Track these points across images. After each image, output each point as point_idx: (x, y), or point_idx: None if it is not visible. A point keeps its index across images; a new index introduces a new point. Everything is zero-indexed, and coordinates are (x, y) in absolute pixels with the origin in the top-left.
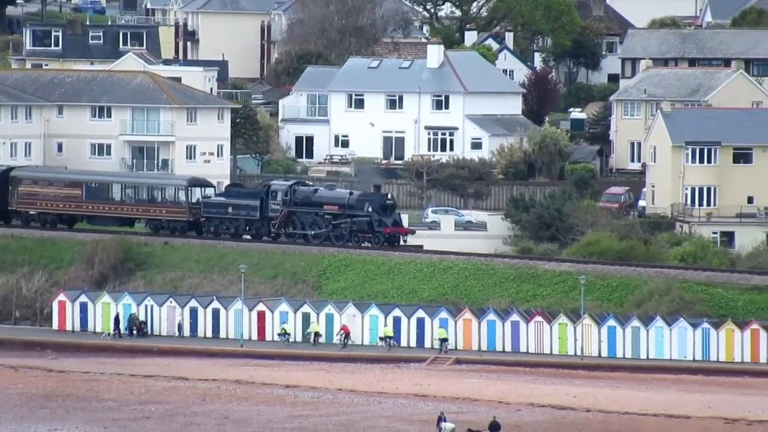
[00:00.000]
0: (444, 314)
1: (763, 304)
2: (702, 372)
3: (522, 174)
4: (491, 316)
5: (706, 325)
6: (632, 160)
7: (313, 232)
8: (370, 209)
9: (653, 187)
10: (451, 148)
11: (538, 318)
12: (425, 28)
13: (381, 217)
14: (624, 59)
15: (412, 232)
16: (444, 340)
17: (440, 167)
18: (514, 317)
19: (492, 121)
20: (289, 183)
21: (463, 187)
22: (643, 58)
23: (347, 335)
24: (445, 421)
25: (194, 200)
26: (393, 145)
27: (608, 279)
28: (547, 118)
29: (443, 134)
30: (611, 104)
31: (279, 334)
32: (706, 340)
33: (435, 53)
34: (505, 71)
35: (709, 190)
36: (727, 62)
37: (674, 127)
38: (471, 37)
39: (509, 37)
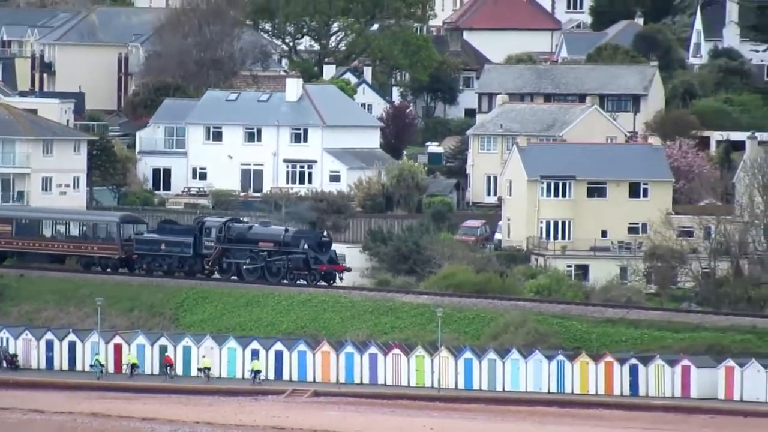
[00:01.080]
0: (302, 347)
1: (617, 337)
2: (557, 404)
3: (380, 207)
4: (349, 349)
5: (561, 357)
6: (489, 194)
7: (246, 268)
8: (305, 246)
9: (509, 220)
10: (310, 181)
11: (396, 350)
12: (284, 61)
13: (317, 255)
14: (481, 94)
15: (348, 269)
16: (257, 372)
17: (299, 200)
18: (372, 350)
19: (350, 155)
20: (224, 220)
21: (322, 220)
22: (500, 93)
23: (170, 366)
24: None
25: (126, 237)
26: (251, 177)
27: (465, 311)
28: (405, 152)
29: (302, 167)
30: (468, 138)
31: (91, 365)
32: (561, 373)
33: (294, 87)
34: (363, 105)
35: (563, 223)
36: (582, 98)
37: (530, 162)
38: (330, 71)
39: (368, 72)
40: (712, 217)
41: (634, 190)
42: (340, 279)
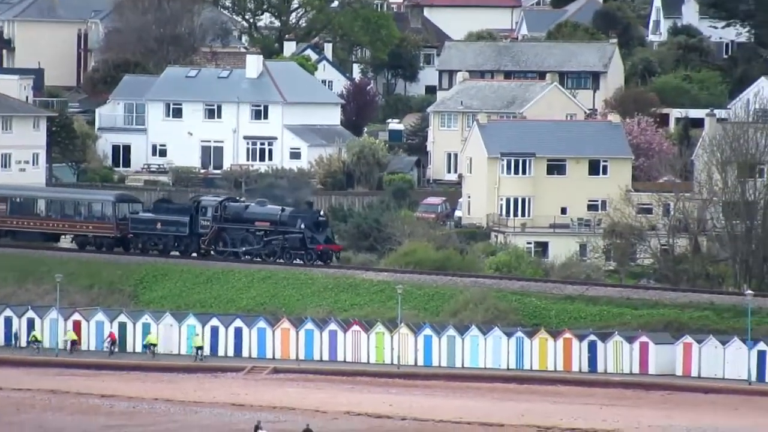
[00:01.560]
0: (262, 323)
1: (576, 314)
2: (516, 380)
3: (340, 184)
4: (309, 326)
5: (520, 334)
6: (449, 171)
7: (243, 249)
8: (302, 226)
9: (469, 197)
10: (270, 158)
11: (356, 327)
12: (244, 38)
13: (314, 234)
14: (441, 71)
15: (344, 249)
16: (199, 348)
17: (259, 177)
18: (332, 326)
19: (311, 132)
20: (220, 199)
21: (282, 197)
22: (460, 71)
23: (113, 342)
24: (261, 430)
25: (121, 216)
26: (211, 154)
27: (425, 288)
28: (365, 129)
29: (262, 144)
30: (429, 115)
31: (29, 341)
32: (520, 349)
33: (254, 63)
34: (324, 82)
35: (523, 200)
36: (542, 75)
37: (490, 139)
38: (290, 47)
39: (328, 48)
40: (670, 194)
41: (594, 168)
42: (337, 258)
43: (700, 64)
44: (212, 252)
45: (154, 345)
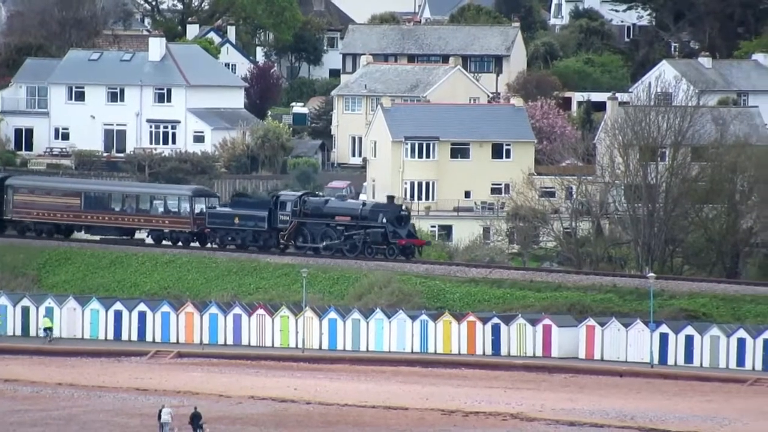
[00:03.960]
0: (166, 308)
1: (480, 297)
2: (420, 364)
3: (245, 168)
4: (213, 310)
5: (424, 317)
6: (354, 155)
7: (324, 244)
8: (384, 220)
9: (374, 181)
10: (174, 142)
11: (261, 311)
12: (147, 20)
13: (396, 229)
14: (345, 54)
15: (428, 243)
16: (48, 329)
17: (162, 160)
18: (237, 310)
19: (215, 115)
20: (299, 193)
21: (186, 181)
22: (364, 54)
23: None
24: (166, 411)
25: (198, 210)
26: (114, 137)
27: (330, 272)
28: (269, 112)
29: (165, 127)
30: (333, 99)
31: None
32: (425, 332)
33: (157, 46)
34: (227, 65)
35: (427, 184)
36: (445, 58)
37: (394, 123)
38: (193, 30)
39: (231, 31)
40: (573, 177)
41: (497, 151)
42: (419, 253)
43: (601, 47)
44: (291, 247)
45: (50, 329)
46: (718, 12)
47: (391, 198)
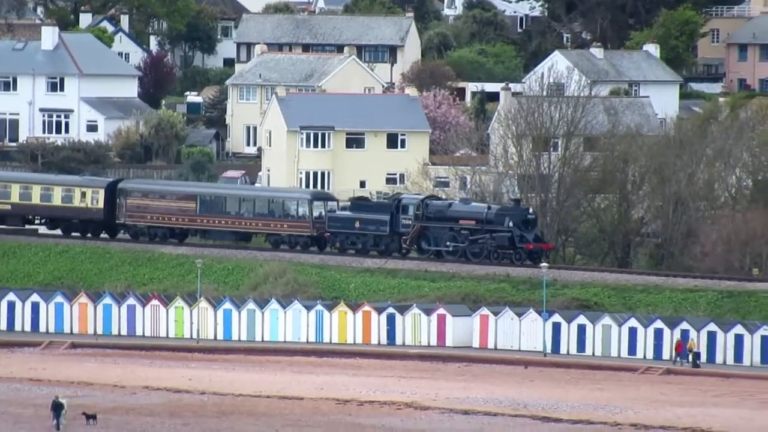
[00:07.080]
0: (59, 298)
1: (375, 286)
2: (315, 354)
3: (139, 157)
4: (107, 300)
5: (319, 307)
6: (248, 144)
7: (449, 248)
8: (510, 224)
9: (269, 170)
10: (67, 131)
11: (155, 301)
12: (39, 9)
13: (522, 233)
14: (239, 44)
15: (555, 247)
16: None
17: (56, 150)
18: (131, 301)
19: (108, 104)
20: (422, 196)
21: (79, 170)
22: (258, 43)
23: None
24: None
25: (317, 214)
26: (7, 127)
27: (225, 262)
28: (163, 102)
29: (58, 117)
30: (227, 88)
31: None
32: (320, 322)
33: (49, 35)
34: (120, 54)
35: (323, 174)
36: (339, 48)
37: (289, 112)
38: (86, 19)
39: (124, 20)
40: (467, 167)
41: (392, 141)
42: (546, 258)
43: (495, 38)
44: (414, 251)
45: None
46: (609, 3)
47: (517, 201)
